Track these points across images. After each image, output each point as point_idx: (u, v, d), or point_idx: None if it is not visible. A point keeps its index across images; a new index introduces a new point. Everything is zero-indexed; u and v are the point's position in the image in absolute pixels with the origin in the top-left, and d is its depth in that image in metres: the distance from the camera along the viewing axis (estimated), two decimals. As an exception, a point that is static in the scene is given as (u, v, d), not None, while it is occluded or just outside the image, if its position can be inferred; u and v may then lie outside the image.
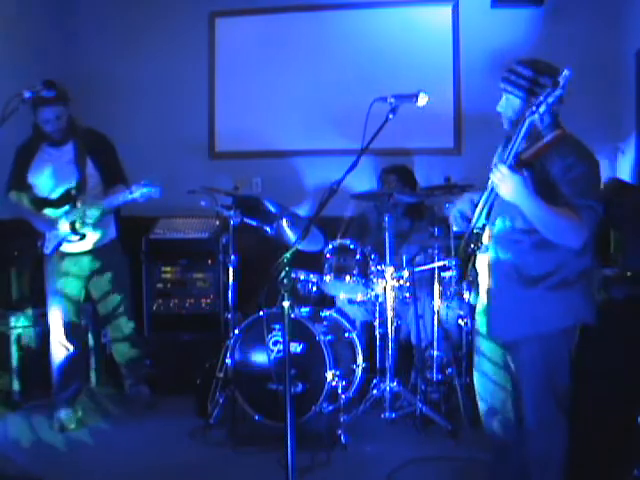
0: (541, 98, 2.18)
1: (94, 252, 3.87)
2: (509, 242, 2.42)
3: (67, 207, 3.72)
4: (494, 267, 2.47)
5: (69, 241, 3.75)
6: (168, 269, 4.54)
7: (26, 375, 4.10)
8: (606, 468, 2.67)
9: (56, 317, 3.80)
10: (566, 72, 2.14)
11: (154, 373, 4.24)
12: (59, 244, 3.76)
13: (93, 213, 3.67)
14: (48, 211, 3.77)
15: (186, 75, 5.14)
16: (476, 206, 2.47)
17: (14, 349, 4.07)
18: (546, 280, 2.35)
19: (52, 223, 3.73)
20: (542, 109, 2.18)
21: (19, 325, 4.11)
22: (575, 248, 2.29)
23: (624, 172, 4.31)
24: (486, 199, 2.40)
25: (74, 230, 3.72)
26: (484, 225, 2.45)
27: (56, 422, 3.73)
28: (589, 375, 2.71)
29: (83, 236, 3.75)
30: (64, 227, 3.72)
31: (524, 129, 2.24)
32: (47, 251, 3.79)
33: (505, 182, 2.25)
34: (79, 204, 3.70)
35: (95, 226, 3.77)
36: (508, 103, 2.42)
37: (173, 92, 5.12)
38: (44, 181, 3.78)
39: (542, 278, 2.36)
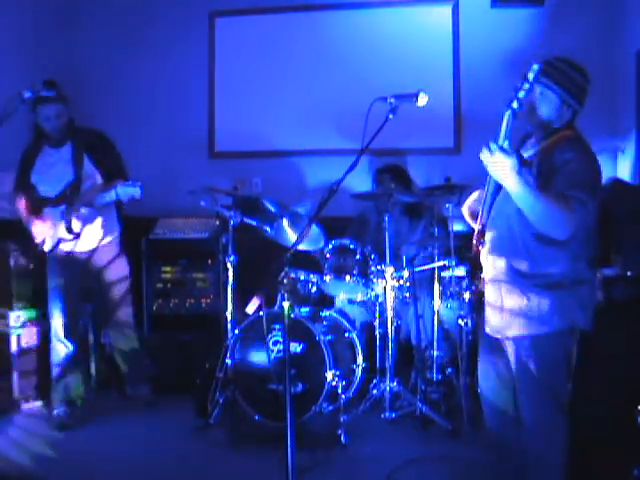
0: (513, 93, 2.22)
1: (95, 252, 3.89)
2: (504, 242, 2.44)
3: (63, 206, 3.74)
4: (491, 266, 2.49)
5: (65, 240, 3.77)
6: (168, 269, 4.54)
7: (26, 375, 4.10)
8: (606, 468, 2.67)
9: (56, 316, 3.82)
10: (535, 66, 2.20)
11: (154, 373, 4.24)
12: (57, 243, 3.79)
13: (87, 212, 3.69)
14: (47, 211, 3.80)
15: (186, 75, 5.14)
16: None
17: (14, 349, 4.07)
18: (538, 278, 2.37)
19: (48, 225, 3.77)
20: (515, 105, 2.22)
21: (19, 325, 4.11)
22: (562, 239, 2.28)
23: (624, 172, 4.31)
24: (486, 196, 2.43)
25: (69, 229, 3.73)
26: (486, 222, 2.47)
27: (56, 422, 3.74)
28: (589, 375, 2.71)
29: (78, 235, 3.76)
30: (60, 226, 3.74)
31: (503, 126, 2.27)
32: (46, 249, 3.82)
33: (493, 161, 2.25)
34: (74, 203, 3.72)
35: (93, 226, 3.80)
36: (542, 98, 2.41)
37: (173, 92, 5.12)
38: (45, 181, 3.82)
39: (534, 276, 2.37)
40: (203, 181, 4.21)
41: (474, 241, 2.51)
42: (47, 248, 3.81)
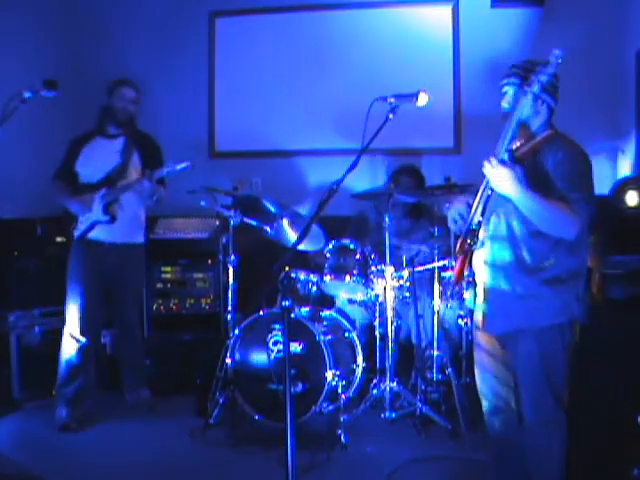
0: (533, 77, 2.24)
1: (120, 250, 3.86)
2: (503, 238, 2.44)
3: (104, 190, 3.77)
4: (489, 262, 2.50)
5: (100, 221, 3.76)
6: (168, 269, 4.54)
7: (26, 375, 4.10)
8: (606, 468, 2.67)
9: (74, 309, 3.75)
10: (557, 51, 2.20)
11: (154, 373, 4.24)
12: (90, 227, 3.78)
13: (138, 188, 3.73)
14: (88, 196, 3.80)
15: (186, 75, 5.14)
16: (471, 205, 2.49)
17: (14, 349, 4.07)
18: (539, 273, 2.38)
19: (87, 205, 3.78)
20: (535, 88, 2.23)
21: (19, 325, 4.11)
22: (570, 238, 2.31)
23: (624, 172, 4.31)
24: (481, 196, 2.43)
25: (106, 211, 3.75)
26: (480, 222, 2.47)
27: (57, 420, 3.71)
28: (589, 375, 2.71)
29: (114, 218, 3.77)
30: (97, 208, 3.75)
31: (515, 117, 2.30)
32: (77, 233, 3.81)
33: (496, 174, 2.29)
34: (117, 187, 3.76)
35: (128, 216, 3.83)
36: (507, 97, 2.46)
37: (173, 92, 5.12)
38: (89, 168, 3.85)
39: (535, 270, 2.38)
40: (203, 181, 4.20)
41: (468, 242, 2.50)
42: (79, 232, 3.80)
